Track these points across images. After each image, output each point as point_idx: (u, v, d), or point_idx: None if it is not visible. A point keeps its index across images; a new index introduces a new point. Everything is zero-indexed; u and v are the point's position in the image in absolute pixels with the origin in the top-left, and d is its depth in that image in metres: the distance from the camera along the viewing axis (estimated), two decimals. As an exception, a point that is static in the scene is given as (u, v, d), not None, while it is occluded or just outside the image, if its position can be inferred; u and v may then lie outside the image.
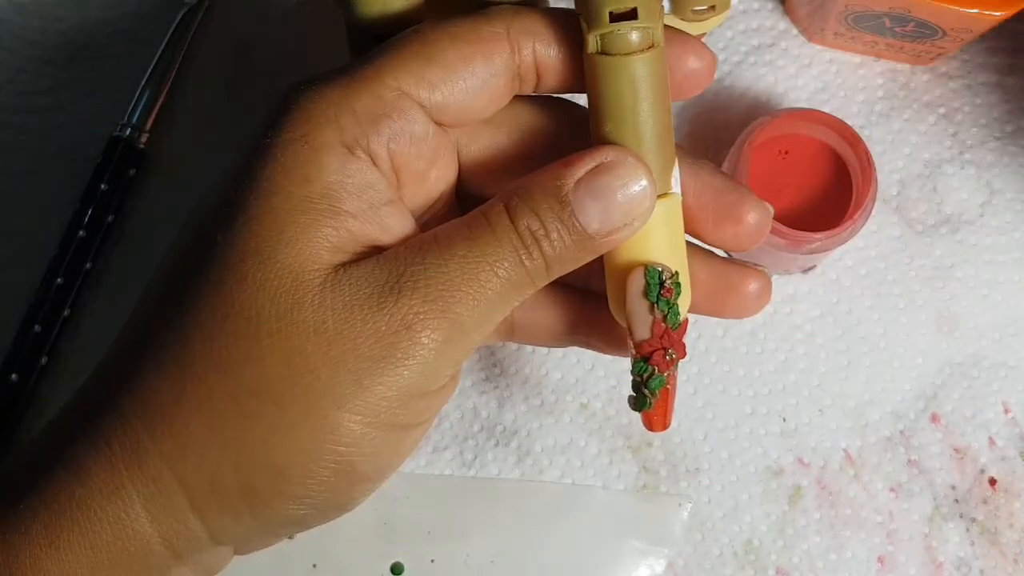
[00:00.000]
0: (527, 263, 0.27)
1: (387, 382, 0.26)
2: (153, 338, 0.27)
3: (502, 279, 0.27)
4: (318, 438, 0.26)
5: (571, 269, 0.28)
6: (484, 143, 0.31)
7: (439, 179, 0.30)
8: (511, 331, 0.33)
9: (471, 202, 0.32)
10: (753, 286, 0.31)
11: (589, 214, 0.27)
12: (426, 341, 0.26)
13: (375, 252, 0.27)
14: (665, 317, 0.29)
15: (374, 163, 0.27)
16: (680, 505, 0.41)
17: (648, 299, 0.29)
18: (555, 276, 0.28)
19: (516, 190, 0.27)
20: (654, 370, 0.29)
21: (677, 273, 0.29)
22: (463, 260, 0.26)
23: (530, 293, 0.28)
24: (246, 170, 0.27)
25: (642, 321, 0.29)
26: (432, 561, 0.41)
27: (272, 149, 0.27)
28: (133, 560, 0.26)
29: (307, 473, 0.26)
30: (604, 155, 0.27)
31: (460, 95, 0.28)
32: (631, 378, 0.30)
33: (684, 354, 0.30)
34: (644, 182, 0.27)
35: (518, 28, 0.28)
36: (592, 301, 0.33)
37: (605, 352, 0.34)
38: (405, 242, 0.27)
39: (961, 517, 0.41)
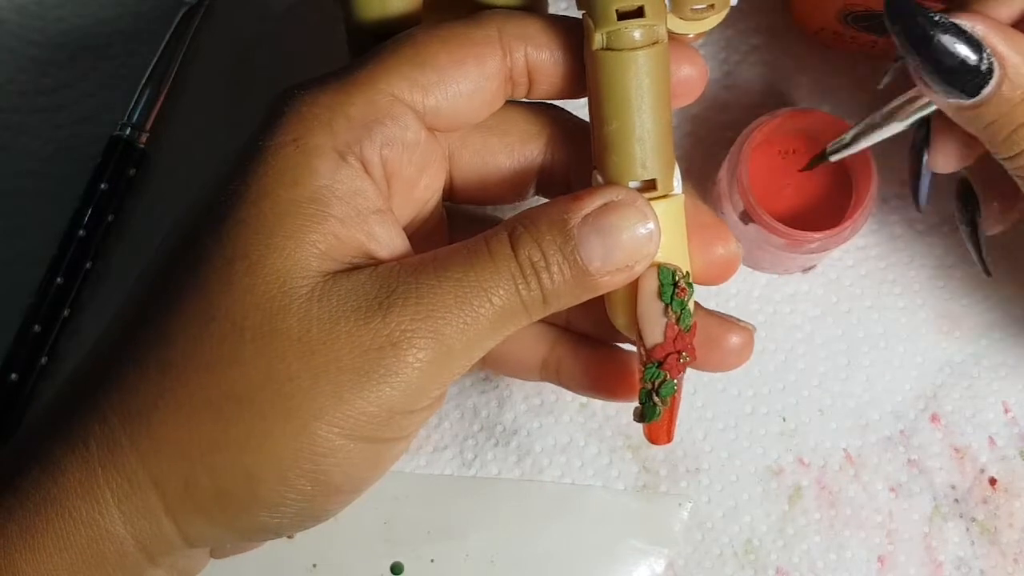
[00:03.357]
0: (523, 293, 0.27)
1: (368, 397, 0.26)
2: (137, 337, 0.26)
3: (495, 306, 0.26)
4: (294, 446, 0.25)
5: (567, 306, 0.28)
6: (475, 148, 0.31)
7: (428, 186, 0.30)
8: (483, 359, 0.33)
9: (459, 210, 0.32)
10: (735, 340, 0.31)
11: (592, 251, 0.27)
12: (411, 360, 0.26)
13: (367, 262, 0.27)
14: (679, 318, 0.29)
15: (366, 170, 0.27)
16: (680, 505, 0.41)
17: (662, 300, 0.28)
18: (552, 311, 0.28)
19: (522, 219, 0.27)
20: (666, 376, 0.29)
21: (688, 273, 0.29)
22: (457, 283, 0.26)
23: (524, 324, 0.28)
24: (237, 172, 0.27)
25: (656, 324, 0.29)
26: (432, 561, 0.41)
27: (264, 152, 0.27)
28: (107, 563, 0.26)
29: (281, 481, 0.26)
30: (615, 194, 0.27)
31: (453, 99, 0.28)
32: (641, 387, 0.30)
33: (696, 357, 0.29)
34: (651, 226, 0.27)
35: (510, 32, 0.28)
36: (568, 341, 0.33)
37: (575, 391, 0.34)
38: (400, 260, 0.27)
39: (961, 517, 0.41)
